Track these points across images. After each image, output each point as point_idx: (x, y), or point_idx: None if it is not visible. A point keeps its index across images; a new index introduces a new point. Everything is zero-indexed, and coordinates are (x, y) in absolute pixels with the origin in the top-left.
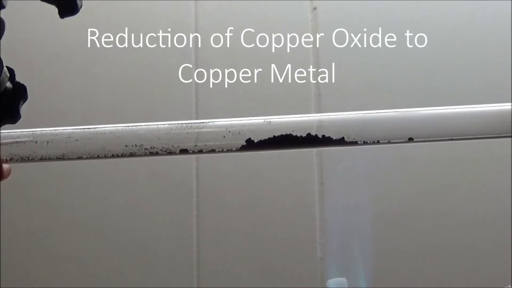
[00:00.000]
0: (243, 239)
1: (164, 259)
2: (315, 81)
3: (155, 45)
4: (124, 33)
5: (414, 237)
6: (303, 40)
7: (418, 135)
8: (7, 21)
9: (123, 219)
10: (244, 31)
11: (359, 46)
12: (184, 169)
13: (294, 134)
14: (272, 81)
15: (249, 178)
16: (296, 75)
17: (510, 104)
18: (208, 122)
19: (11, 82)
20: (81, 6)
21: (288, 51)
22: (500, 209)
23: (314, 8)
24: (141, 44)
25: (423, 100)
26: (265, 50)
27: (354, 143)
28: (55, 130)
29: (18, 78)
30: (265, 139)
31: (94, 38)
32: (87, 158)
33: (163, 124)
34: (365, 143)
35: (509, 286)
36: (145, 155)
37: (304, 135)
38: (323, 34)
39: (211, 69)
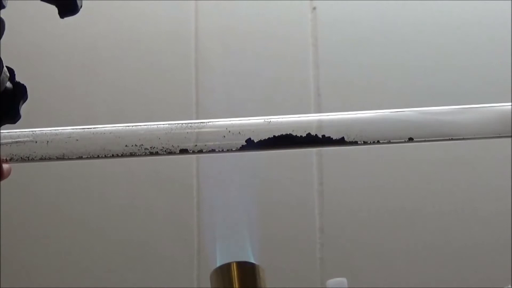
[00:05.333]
0: None
1: (164, 259)
2: (315, 81)
3: (155, 45)
4: (124, 33)
5: (414, 236)
6: (302, 40)
7: (418, 135)
8: (7, 21)
9: (123, 219)
10: (244, 30)
11: (359, 46)
12: (184, 169)
13: (294, 134)
14: (272, 81)
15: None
16: (295, 75)
17: (510, 104)
18: (208, 122)
19: (11, 82)
20: (81, 6)
21: (288, 50)
22: (500, 209)
23: (314, 8)
24: (141, 44)
25: (423, 100)
26: (264, 50)
27: (354, 143)
28: (55, 130)
29: (18, 78)
30: (265, 139)
31: (94, 38)
32: (87, 158)
33: (163, 124)
34: (365, 143)
35: (509, 286)
36: (145, 155)
37: (304, 135)
38: (323, 34)
39: (211, 69)
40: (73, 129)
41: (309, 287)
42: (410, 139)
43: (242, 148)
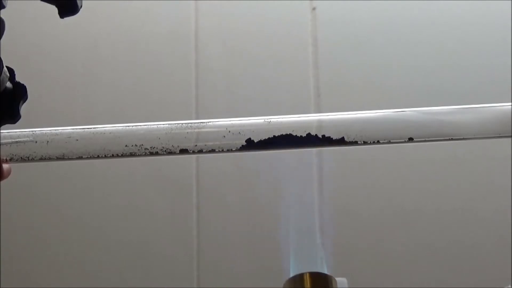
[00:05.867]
0: (243, 239)
1: (164, 259)
2: (315, 81)
3: (155, 45)
4: (124, 33)
5: (414, 236)
6: (302, 40)
7: (418, 135)
8: (7, 21)
9: (123, 219)
10: (244, 31)
11: (359, 46)
12: (184, 169)
13: (294, 134)
14: (272, 81)
15: (249, 178)
16: (295, 75)
17: (510, 104)
18: (208, 122)
19: (11, 82)
20: (81, 6)
21: (288, 51)
22: (500, 209)
23: (314, 8)
24: (141, 44)
25: (423, 100)
26: (264, 50)
27: (354, 143)
28: (55, 130)
29: (18, 78)
30: (265, 139)
31: (94, 38)
32: (87, 158)
33: (163, 124)
34: (365, 143)
35: (509, 286)
36: (145, 155)
37: (304, 135)
38: (322, 34)
39: (211, 69)
40: (73, 129)
41: None
42: (410, 139)
43: (242, 148)
